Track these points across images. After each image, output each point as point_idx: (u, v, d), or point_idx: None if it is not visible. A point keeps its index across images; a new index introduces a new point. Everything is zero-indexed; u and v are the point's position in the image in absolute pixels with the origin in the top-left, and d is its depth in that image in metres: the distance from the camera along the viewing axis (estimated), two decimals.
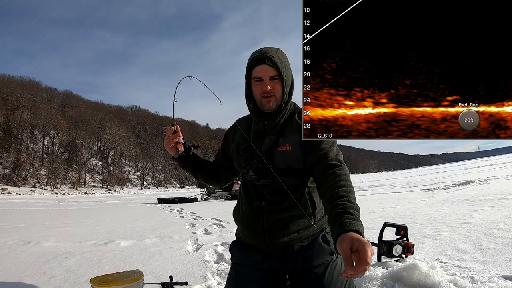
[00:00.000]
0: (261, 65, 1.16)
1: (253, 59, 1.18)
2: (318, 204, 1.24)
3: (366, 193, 10.35)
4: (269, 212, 1.21)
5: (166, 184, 69.86)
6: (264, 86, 1.17)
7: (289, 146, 1.20)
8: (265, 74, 1.16)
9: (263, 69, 1.16)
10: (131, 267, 2.61)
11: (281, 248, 1.21)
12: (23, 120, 56.55)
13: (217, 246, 3.31)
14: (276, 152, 1.21)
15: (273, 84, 1.17)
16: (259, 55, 1.16)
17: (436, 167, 64.07)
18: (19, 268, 2.74)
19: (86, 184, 56.43)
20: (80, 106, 77.61)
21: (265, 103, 1.19)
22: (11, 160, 49.95)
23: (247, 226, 1.28)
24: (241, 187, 1.34)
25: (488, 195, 5.32)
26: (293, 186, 1.20)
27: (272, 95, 1.18)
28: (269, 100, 1.18)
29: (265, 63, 1.15)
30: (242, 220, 1.31)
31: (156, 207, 11.51)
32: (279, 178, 1.17)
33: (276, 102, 1.19)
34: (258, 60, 1.16)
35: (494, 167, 19.01)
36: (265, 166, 1.19)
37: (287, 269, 1.23)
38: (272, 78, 1.16)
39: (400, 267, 1.96)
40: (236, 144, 1.32)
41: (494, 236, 2.70)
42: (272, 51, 1.17)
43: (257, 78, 1.18)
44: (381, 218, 3.98)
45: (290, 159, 1.20)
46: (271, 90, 1.17)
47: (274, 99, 1.18)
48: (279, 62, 1.15)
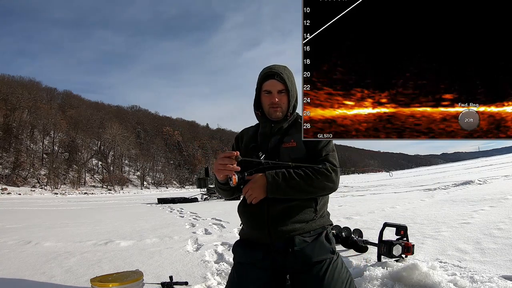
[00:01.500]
0: (271, 80, 1.34)
1: (264, 74, 1.36)
2: (320, 200, 1.35)
3: (366, 193, 10.34)
4: (273, 202, 1.29)
5: (166, 184, 69.84)
6: (272, 98, 1.35)
7: (294, 142, 1.34)
8: (274, 88, 1.34)
9: (273, 83, 1.34)
10: (131, 267, 2.60)
11: (284, 240, 1.26)
12: (23, 120, 56.50)
13: (217, 246, 3.30)
14: (281, 149, 1.35)
15: (280, 97, 1.35)
16: (269, 71, 1.35)
17: (436, 167, 64.02)
18: (19, 268, 2.74)
19: (86, 184, 56.40)
20: (80, 106, 77.44)
21: (272, 113, 1.36)
22: (11, 160, 49.92)
23: (251, 217, 1.36)
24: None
25: (488, 195, 5.32)
26: None
27: (279, 106, 1.35)
28: (276, 110, 1.35)
29: (275, 78, 1.33)
30: (246, 211, 1.37)
31: (156, 207, 11.51)
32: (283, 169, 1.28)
33: (282, 112, 1.37)
34: (269, 75, 1.34)
35: (494, 167, 19.01)
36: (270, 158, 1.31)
37: (288, 265, 1.26)
38: (280, 91, 1.34)
39: (400, 267, 1.96)
40: (245, 144, 1.47)
41: (494, 236, 2.70)
42: (280, 68, 1.35)
43: (267, 91, 1.36)
44: (381, 218, 3.97)
45: (295, 153, 1.33)
46: (278, 102, 1.34)
47: (281, 109, 1.36)
48: (286, 78, 1.33)
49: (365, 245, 2.61)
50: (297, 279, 1.24)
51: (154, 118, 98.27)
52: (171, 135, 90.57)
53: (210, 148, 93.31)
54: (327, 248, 1.27)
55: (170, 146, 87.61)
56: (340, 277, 1.21)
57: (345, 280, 1.22)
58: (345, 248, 2.70)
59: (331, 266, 1.22)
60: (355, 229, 2.77)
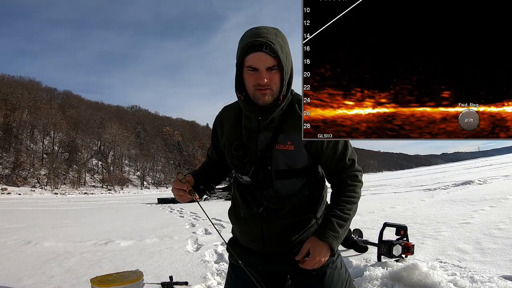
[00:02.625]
0: (258, 53, 0.96)
1: (247, 44, 0.96)
2: (320, 206, 1.17)
3: (366, 193, 10.34)
4: (269, 219, 1.11)
5: (166, 184, 69.76)
6: (259, 78, 0.98)
7: (291, 145, 1.06)
8: (261, 64, 0.97)
9: (260, 57, 0.96)
10: (131, 267, 2.61)
11: (282, 250, 1.15)
12: (23, 120, 56.52)
13: (217, 246, 3.30)
14: (274, 152, 1.06)
15: (270, 76, 0.98)
16: (255, 41, 0.95)
17: (436, 167, 64.05)
18: (19, 268, 2.74)
19: (86, 184, 56.41)
20: (80, 106, 77.48)
21: (259, 97, 1.01)
22: (11, 160, 49.93)
23: (246, 234, 1.21)
24: (235, 187, 1.22)
25: (488, 195, 5.32)
26: (294, 189, 1.11)
27: (269, 88, 0.99)
28: (264, 93, 1.00)
29: (263, 50, 0.95)
30: (240, 225, 1.23)
31: (156, 207, 11.52)
32: (279, 181, 1.08)
33: (273, 96, 1.01)
34: (254, 46, 0.96)
35: (494, 167, 19.01)
36: (262, 168, 1.07)
37: (288, 269, 1.19)
38: (270, 68, 0.97)
39: (400, 267, 1.96)
40: (227, 139, 1.16)
41: (494, 236, 2.70)
42: (271, 34, 0.97)
43: (251, 68, 0.98)
44: (381, 218, 3.97)
45: (292, 159, 1.07)
46: (268, 83, 0.98)
47: (270, 92, 1.00)
48: (279, 49, 0.96)
49: (365, 245, 2.61)
50: (296, 280, 1.20)
51: (154, 118, 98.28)
52: (171, 135, 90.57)
53: None
54: None
55: (170, 146, 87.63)
56: (340, 278, 1.16)
57: (345, 281, 1.17)
58: (345, 248, 2.70)
59: (330, 267, 1.15)
60: (355, 229, 2.78)
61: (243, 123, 1.13)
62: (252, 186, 1.12)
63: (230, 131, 1.16)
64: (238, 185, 1.19)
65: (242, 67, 1.01)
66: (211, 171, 1.30)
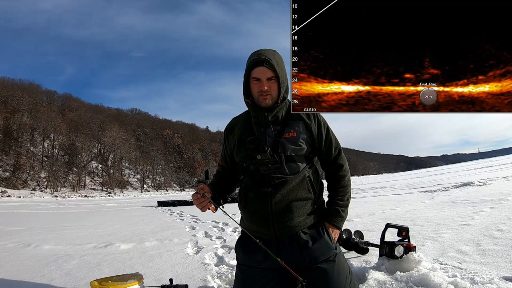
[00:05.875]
0: (260, 67, 1.30)
1: (252, 61, 1.31)
2: (317, 191, 1.41)
3: (366, 195, 10.33)
4: (275, 196, 1.32)
5: (166, 187, 69.80)
6: (261, 86, 1.31)
7: (294, 133, 1.36)
8: (263, 75, 1.31)
9: (262, 70, 1.30)
10: (131, 270, 2.60)
11: (288, 236, 1.33)
12: (23, 123, 56.56)
13: (217, 249, 3.30)
14: (283, 140, 1.35)
15: (269, 84, 1.32)
16: (258, 58, 1.29)
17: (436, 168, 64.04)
18: (19, 271, 2.73)
19: (86, 187, 56.34)
20: (80, 109, 77.59)
21: (261, 100, 1.34)
22: (11, 163, 49.88)
23: (255, 213, 1.38)
24: (245, 176, 1.43)
25: (488, 196, 5.32)
26: (297, 171, 1.36)
27: (269, 93, 1.32)
28: (265, 98, 1.33)
29: (264, 65, 1.29)
30: (249, 207, 1.40)
31: (156, 210, 11.49)
32: (286, 164, 1.34)
33: (272, 100, 1.34)
34: (258, 62, 1.30)
35: (494, 168, 19.02)
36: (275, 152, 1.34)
37: (295, 263, 1.31)
38: (269, 78, 1.31)
39: (401, 269, 1.96)
40: (239, 137, 1.44)
41: (494, 238, 2.70)
42: (269, 54, 1.31)
43: (255, 78, 1.32)
44: (381, 220, 3.97)
45: (296, 146, 1.36)
46: (268, 90, 1.32)
47: (270, 97, 1.33)
48: (276, 64, 1.30)
49: (366, 246, 2.61)
50: (304, 275, 1.27)
51: (154, 121, 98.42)
52: (171, 138, 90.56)
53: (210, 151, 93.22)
54: (331, 246, 1.36)
55: (170, 149, 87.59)
56: (344, 271, 1.36)
57: (347, 274, 1.36)
58: (346, 250, 2.69)
59: (336, 261, 1.34)
60: (356, 231, 2.77)
61: (252, 122, 1.42)
62: (262, 169, 1.34)
63: (242, 131, 1.44)
64: (249, 174, 1.41)
65: (249, 78, 1.34)
66: (225, 183, 1.58)
